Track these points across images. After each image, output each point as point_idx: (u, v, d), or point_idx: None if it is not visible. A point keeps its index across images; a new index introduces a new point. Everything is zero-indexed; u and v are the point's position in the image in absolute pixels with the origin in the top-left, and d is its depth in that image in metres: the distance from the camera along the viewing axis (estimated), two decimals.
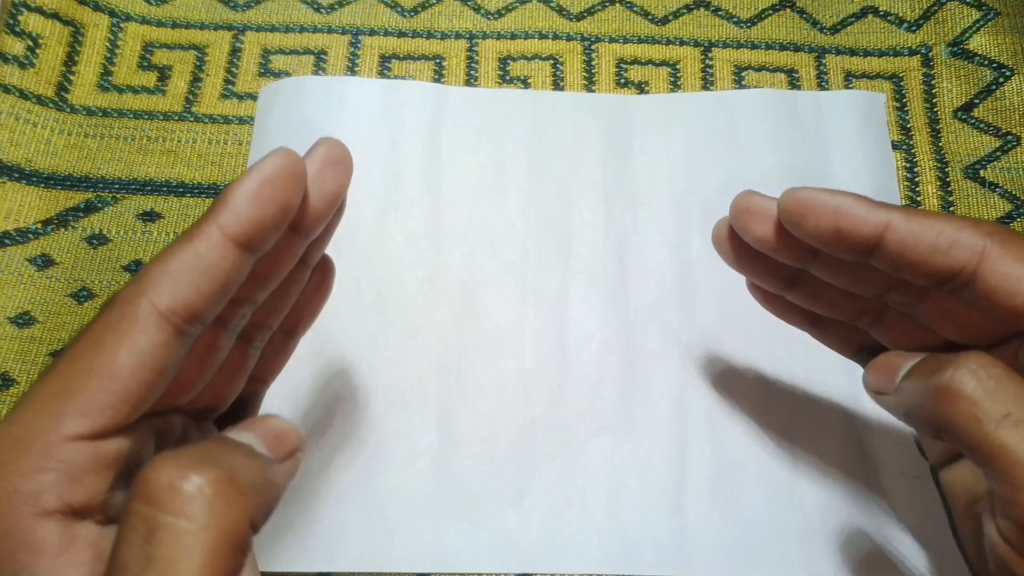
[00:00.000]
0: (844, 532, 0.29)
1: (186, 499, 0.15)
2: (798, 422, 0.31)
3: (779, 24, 0.39)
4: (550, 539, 0.29)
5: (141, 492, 0.16)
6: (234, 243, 0.18)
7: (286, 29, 0.38)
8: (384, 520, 0.29)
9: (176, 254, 0.18)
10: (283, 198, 0.18)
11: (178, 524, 0.15)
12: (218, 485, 0.16)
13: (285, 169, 0.18)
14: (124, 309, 0.17)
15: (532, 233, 0.34)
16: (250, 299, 0.21)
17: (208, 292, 0.18)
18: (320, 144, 0.20)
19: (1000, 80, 0.36)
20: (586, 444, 0.31)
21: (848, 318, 0.25)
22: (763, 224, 0.23)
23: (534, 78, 0.37)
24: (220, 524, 0.16)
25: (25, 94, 0.35)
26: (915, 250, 0.20)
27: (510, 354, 0.32)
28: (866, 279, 0.23)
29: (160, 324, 0.17)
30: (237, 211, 0.18)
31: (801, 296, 0.25)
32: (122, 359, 0.17)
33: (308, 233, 0.21)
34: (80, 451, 0.17)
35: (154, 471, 0.16)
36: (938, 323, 0.23)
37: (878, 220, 0.21)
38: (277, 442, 0.19)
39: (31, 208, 0.34)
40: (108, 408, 0.17)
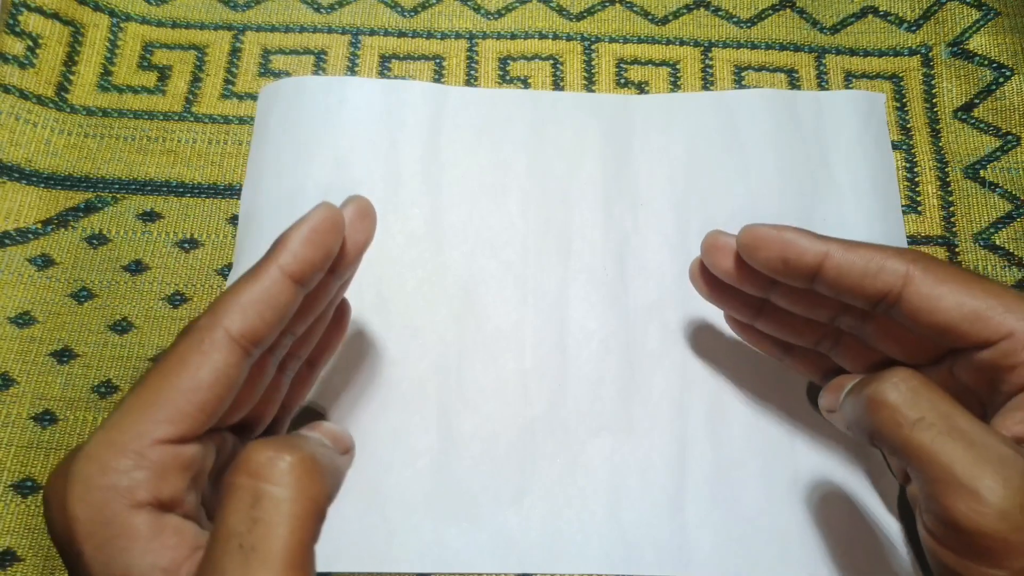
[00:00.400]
0: (844, 532, 0.29)
1: (283, 472, 0.18)
2: (798, 422, 0.31)
3: (779, 24, 0.39)
4: (550, 539, 0.29)
5: (245, 468, 0.19)
6: (291, 279, 0.21)
7: (286, 29, 0.38)
8: (384, 520, 0.29)
9: (244, 288, 0.21)
10: (329, 243, 0.22)
11: (278, 491, 0.18)
12: (305, 463, 0.19)
13: (330, 219, 0.22)
14: (203, 334, 0.21)
15: (532, 233, 0.34)
16: (293, 330, 0.24)
17: (271, 320, 0.21)
18: (351, 201, 0.24)
19: (1000, 80, 0.36)
20: (586, 444, 0.31)
21: (811, 344, 0.28)
22: (726, 259, 0.27)
23: (534, 78, 0.37)
24: (309, 494, 0.19)
25: (25, 94, 0.35)
26: (849, 275, 0.24)
27: (510, 354, 0.32)
28: (818, 305, 0.26)
29: (232, 347, 0.21)
30: (295, 252, 0.22)
31: (768, 324, 0.28)
32: (203, 375, 0.20)
33: (341, 275, 0.24)
34: (166, 453, 0.20)
35: (255, 452, 0.19)
36: (883, 344, 0.26)
37: (818, 250, 0.24)
38: (336, 439, 0.23)
39: (31, 208, 0.34)
40: (189, 417, 0.20)
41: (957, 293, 0.23)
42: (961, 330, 0.23)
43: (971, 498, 0.20)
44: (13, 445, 0.30)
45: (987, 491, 0.20)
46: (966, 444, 0.20)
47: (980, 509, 0.20)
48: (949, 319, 0.23)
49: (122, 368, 0.32)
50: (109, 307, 0.33)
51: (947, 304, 0.23)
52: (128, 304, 0.33)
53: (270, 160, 0.35)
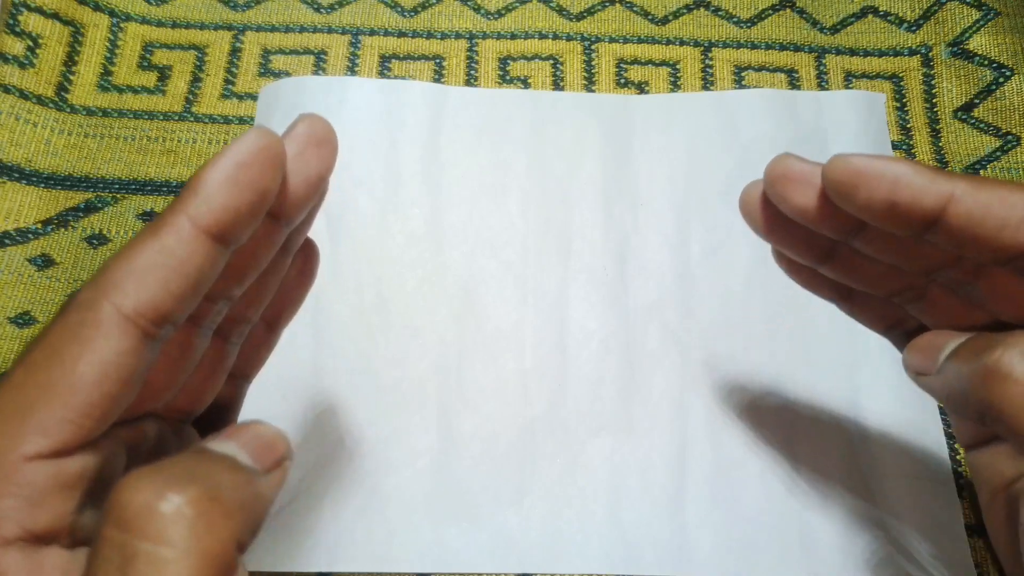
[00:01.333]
0: (844, 532, 0.29)
1: (165, 522, 0.14)
2: (798, 422, 0.31)
3: (779, 24, 0.39)
4: (550, 539, 0.29)
5: (114, 516, 0.14)
6: (207, 235, 0.16)
7: (286, 29, 0.38)
8: (384, 520, 0.29)
9: (142, 250, 0.16)
10: (261, 183, 0.17)
11: (157, 552, 0.14)
12: (199, 505, 0.14)
13: (263, 151, 0.17)
14: (84, 314, 0.16)
15: (532, 233, 0.34)
16: (225, 294, 0.19)
17: (179, 291, 0.16)
18: (300, 122, 0.18)
19: (1000, 80, 0.36)
20: (586, 444, 0.31)
21: (886, 294, 0.23)
22: (803, 193, 0.20)
23: (534, 78, 0.37)
24: (203, 549, 0.14)
25: (25, 94, 0.35)
26: (982, 225, 0.18)
27: (510, 354, 0.32)
28: (918, 255, 0.21)
29: (125, 329, 0.16)
30: (210, 199, 0.16)
31: (837, 271, 0.23)
32: (83, 370, 0.16)
33: (289, 221, 0.19)
34: (40, 472, 0.15)
35: (128, 492, 0.14)
36: (996, 302, 0.21)
37: (940, 192, 0.18)
38: (263, 451, 0.18)
39: (31, 208, 0.34)
40: (69, 424, 0.16)
41: None
42: None
43: None
44: None
45: None
46: None
47: None
48: None
49: None
50: None
51: None
52: None
53: None
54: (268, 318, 0.23)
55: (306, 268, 0.23)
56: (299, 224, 0.20)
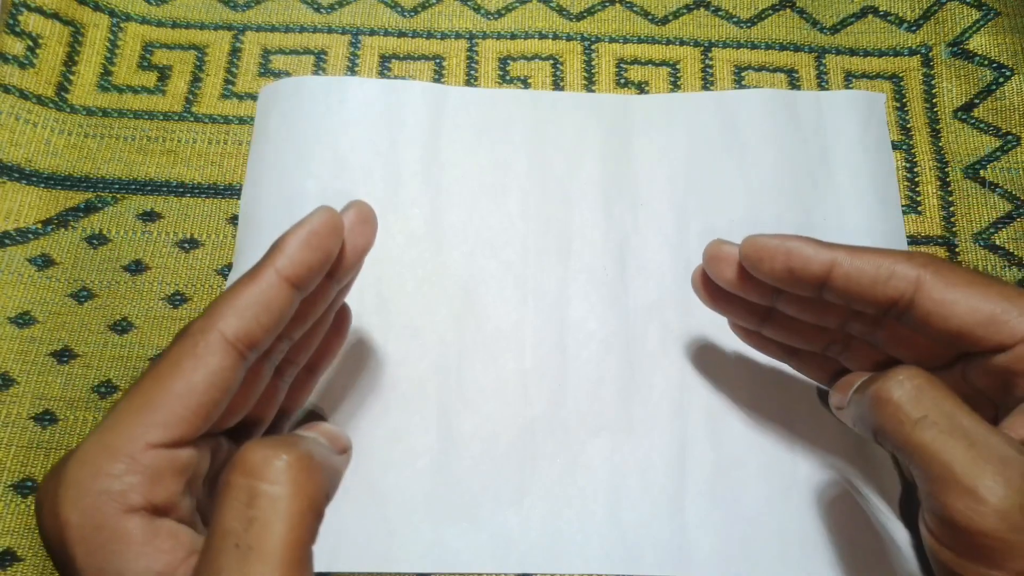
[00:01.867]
0: (844, 532, 0.29)
1: (279, 470, 0.18)
2: (798, 422, 0.31)
3: (779, 24, 0.39)
4: (550, 539, 0.29)
5: (241, 467, 0.18)
6: (288, 282, 0.21)
7: (286, 29, 0.38)
8: (384, 520, 0.29)
9: (241, 291, 0.21)
10: (327, 247, 0.22)
11: (274, 490, 0.18)
12: (302, 461, 0.19)
13: (329, 223, 0.22)
14: (198, 337, 0.20)
15: (532, 233, 0.34)
16: (290, 335, 0.24)
17: (266, 323, 0.21)
18: (352, 205, 0.24)
19: (1000, 80, 0.36)
20: (586, 444, 0.31)
21: (819, 349, 0.28)
22: (729, 268, 0.26)
23: (534, 78, 0.37)
24: (306, 492, 0.18)
25: (25, 94, 0.35)
26: (859, 283, 0.23)
27: (510, 354, 0.32)
28: (826, 312, 0.26)
29: (227, 350, 0.20)
30: (291, 256, 0.21)
31: (775, 331, 0.28)
32: (197, 379, 0.20)
33: (340, 280, 0.24)
34: (160, 458, 0.20)
35: (251, 450, 0.19)
36: (894, 349, 0.25)
37: (824, 259, 0.23)
38: (333, 439, 0.23)
39: (31, 208, 0.34)
40: (184, 421, 0.20)
41: (970, 297, 0.22)
42: (975, 335, 0.22)
43: (970, 497, 0.20)
44: (13, 445, 0.30)
45: (986, 491, 0.20)
46: (967, 443, 0.20)
47: (979, 509, 0.20)
48: (963, 324, 0.22)
49: (122, 368, 0.32)
50: (109, 307, 0.33)
51: (960, 309, 0.22)
52: (128, 304, 0.33)
53: (270, 160, 0.35)
54: (310, 365, 0.28)
55: (342, 326, 0.28)
56: (345, 286, 0.25)
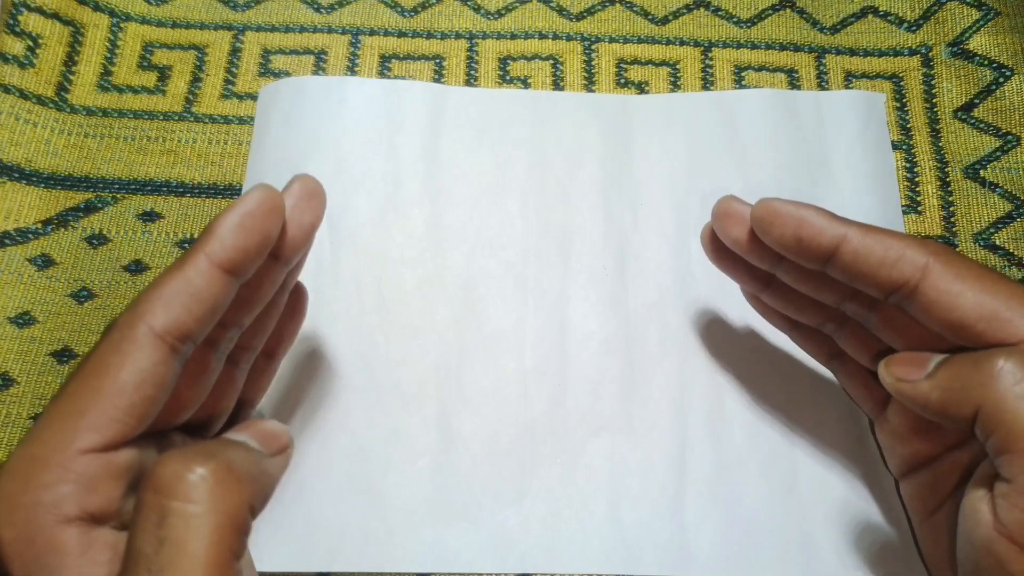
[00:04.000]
0: (844, 532, 0.29)
1: (191, 486, 0.17)
2: (798, 422, 0.31)
3: (779, 24, 0.39)
4: (550, 539, 0.29)
5: (151, 483, 0.18)
6: (220, 269, 0.20)
7: (286, 29, 0.38)
8: (384, 520, 0.29)
9: (168, 281, 0.20)
10: (264, 228, 0.21)
11: (186, 508, 0.17)
12: (218, 474, 0.18)
13: (266, 202, 0.21)
14: (124, 332, 0.19)
15: (532, 233, 0.34)
16: (236, 322, 0.23)
17: (198, 313, 0.20)
18: (296, 180, 0.22)
19: (1000, 80, 0.36)
20: (586, 444, 0.31)
21: (815, 324, 0.27)
22: (737, 227, 0.25)
23: (534, 78, 0.37)
24: (223, 507, 0.17)
25: (25, 94, 0.35)
26: (866, 262, 0.23)
27: (510, 354, 0.32)
28: (825, 287, 0.25)
29: (156, 344, 0.19)
30: (223, 240, 0.20)
31: (773, 298, 0.28)
32: (126, 377, 0.19)
33: (287, 261, 0.23)
34: (94, 463, 0.19)
35: (162, 465, 0.18)
36: (887, 333, 0.25)
37: (835, 232, 0.23)
38: (268, 439, 0.22)
39: (31, 208, 0.34)
40: (116, 422, 0.19)
41: (976, 291, 0.22)
42: (976, 330, 0.22)
43: None
44: (13, 445, 0.30)
45: None
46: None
47: None
48: (965, 317, 0.22)
49: None
50: (109, 307, 0.33)
51: (965, 302, 0.22)
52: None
53: (270, 160, 0.35)
54: (267, 350, 0.27)
55: (297, 306, 0.27)
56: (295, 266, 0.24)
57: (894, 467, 0.27)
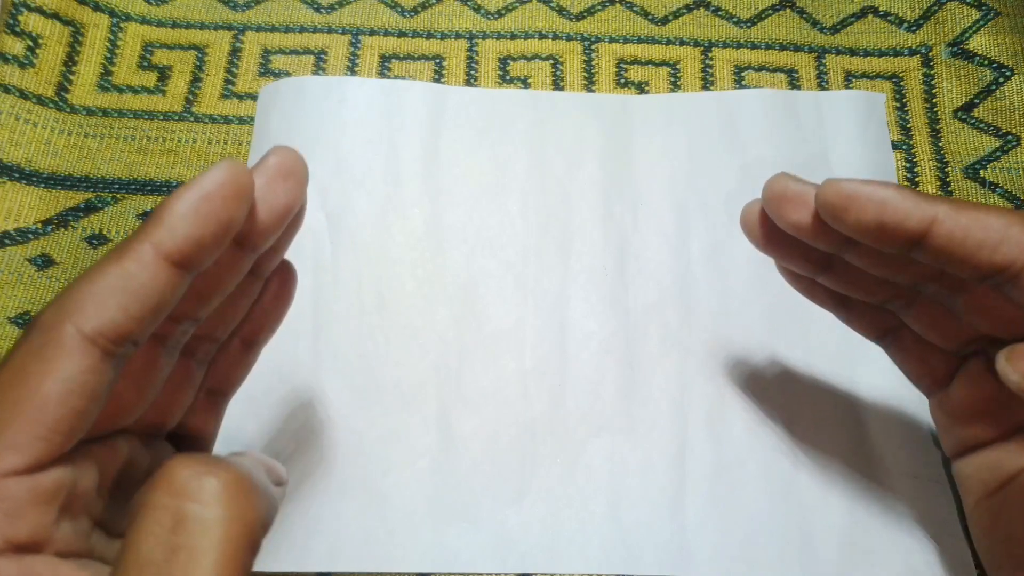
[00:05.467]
0: (844, 532, 0.29)
1: (213, 491, 0.16)
2: (798, 422, 0.31)
3: (779, 24, 0.39)
4: (550, 539, 0.29)
5: (166, 486, 0.16)
6: (168, 262, 0.17)
7: (286, 29, 0.38)
8: (384, 520, 0.29)
9: (103, 273, 0.17)
10: (225, 215, 0.17)
11: (205, 513, 0.15)
12: (241, 482, 0.16)
13: (228, 183, 0.17)
14: (47, 335, 0.17)
15: (532, 233, 0.34)
16: (190, 316, 0.20)
17: (138, 313, 0.17)
18: (271, 154, 0.19)
19: (1000, 80, 0.36)
20: (586, 444, 0.31)
21: (879, 302, 0.25)
22: (798, 211, 0.22)
23: (534, 78, 0.37)
24: (243, 517, 0.16)
25: (25, 94, 0.35)
26: (962, 246, 0.20)
27: (510, 354, 0.32)
28: (905, 269, 0.23)
29: (85, 349, 0.17)
30: (173, 229, 0.17)
31: (833, 280, 0.25)
32: (48, 388, 0.16)
33: (255, 248, 0.20)
34: (16, 487, 0.16)
35: (179, 466, 0.16)
36: (975, 316, 0.22)
37: (923, 215, 0.20)
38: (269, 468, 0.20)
39: (31, 208, 0.34)
40: (40, 440, 0.17)
41: None
42: None
43: None
44: None
45: None
46: None
47: None
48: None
49: None
50: None
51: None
52: None
53: None
54: (245, 338, 0.24)
55: (282, 291, 0.24)
56: (272, 249, 0.21)
57: (950, 447, 0.26)
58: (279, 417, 0.30)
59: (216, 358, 0.23)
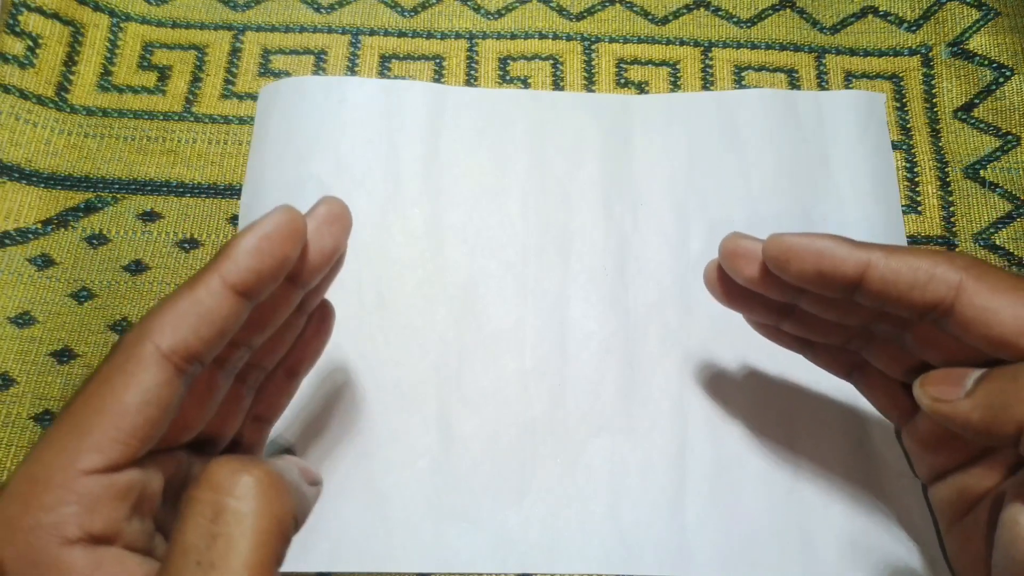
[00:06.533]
0: (844, 532, 0.29)
1: (247, 486, 0.18)
2: (798, 422, 0.31)
3: (779, 24, 0.39)
4: (550, 539, 0.29)
5: (207, 482, 0.18)
6: (233, 291, 0.20)
7: (286, 29, 0.38)
8: (384, 520, 0.29)
9: (179, 300, 0.20)
10: (282, 252, 0.20)
11: (241, 505, 0.17)
12: (272, 479, 0.18)
13: (286, 225, 0.20)
14: (129, 351, 0.19)
15: (532, 233, 0.34)
16: (247, 343, 0.22)
17: (207, 335, 0.20)
18: (322, 203, 0.22)
19: (1000, 80, 0.36)
20: (586, 444, 0.31)
21: (840, 343, 0.26)
22: (750, 265, 0.24)
23: (534, 78, 0.37)
24: (274, 511, 0.18)
25: (25, 94, 0.35)
26: (895, 286, 0.22)
27: (510, 354, 0.32)
28: (852, 312, 0.24)
29: (162, 364, 0.19)
30: (238, 262, 0.20)
31: (794, 326, 0.27)
32: (129, 397, 0.19)
33: (304, 285, 0.22)
34: (96, 484, 0.18)
35: (218, 465, 0.18)
36: (924, 351, 0.24)
37: (858, 261, 0.22)
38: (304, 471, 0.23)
39: (31, 208, 0.34)
40: (119, 443, 0.19)
41: (1014, 304, 0.21)
42: (1020, 344, 0.21)
43: None
44: (13, 445, 0.30)
45: None
46: None
47: None
48: (1005, 332, 0.21)
49: None
50: (109, 307, 0.33)
51: (1004, 317, 0.21)
52: (128, 304, 0.33)
53: (270, 160, 0.35)
54: (289, 368, 0.26)
55: (323, 327, 0.27)
56: (316, 288, 0.24)
57: (922, 474, 0.27)
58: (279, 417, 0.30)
59: (262, 387, 0.26)
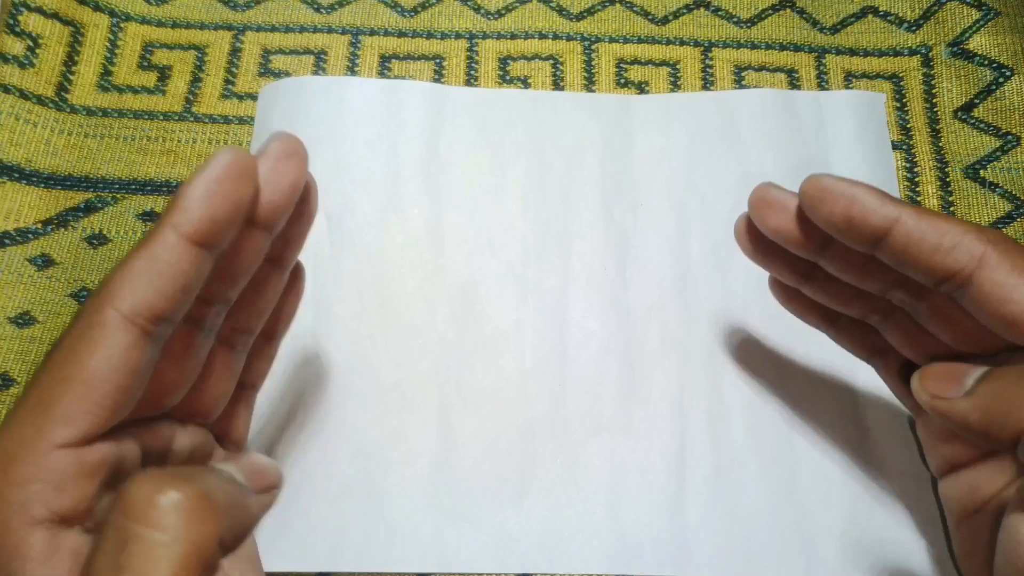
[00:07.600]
0: (844, 532, 0.29)
1: (161, 512, 0.16)
2: (798, 422, 0.31)
3: (779, 24, 0.39)
4: (550, 539, 0.29)
5: (120, 505, 0.17)
6: (189, 242, 0.18)
7: (286, 29, 0.38)
8: (384, 520, 0.29)
9: (135, 260, 0.18)
10: (235, 194, 0.19)
11: (150, 535, 0.16)
12: (192, 501, 0.17)
13: (233, 166, 0.19)
14: (91, 318, 0.18)
15: (532, 233, 0.34)
16: (220, 297, 0.21)
17: (168, 291, 0.18)
18: (272, 139, 0.21)
19: (1000, 80, 0.36)
20: (586, 444, 0.31)
21: (860, 315, 0.26)
22: (778, 215, 0.24)
23: (534, 78, 0.37)
24: (191, 538, 0.16)
25: (25, 94, 0.35)
26: (919, 247, 0.21)
27: (510, 354, 0.32)
28: (872, 274, 0.24)
29: (126, 327, 0.18)
30: (189, 211, 0.18)
31: (815, 290, 0.26)
32: (95, 365, 0.18)
33: (268, 227, 0.21)
34: (65, 459, 0.18)
35: (134, 485, 0.17)
36: (936, 325, 0.24)
37: (888, 213, 0.22)
38: (256, 476, 0.21)
39: (31, 208, 0.34)
40: (88, 414, 0.18)
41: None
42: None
43: None
44: None
45: None
46: None
47: None
48: (1018, 312, 0.20)
49: None
50: None
51: (1019, 295, 0.20)
52: None
53: None
54: (267, 331, 0.25)
55: (294, 285, 0.25)
56: (289, 240, 0.23)
57: (934, 467, 0.26)
58: (279, 417, 0.30)
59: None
